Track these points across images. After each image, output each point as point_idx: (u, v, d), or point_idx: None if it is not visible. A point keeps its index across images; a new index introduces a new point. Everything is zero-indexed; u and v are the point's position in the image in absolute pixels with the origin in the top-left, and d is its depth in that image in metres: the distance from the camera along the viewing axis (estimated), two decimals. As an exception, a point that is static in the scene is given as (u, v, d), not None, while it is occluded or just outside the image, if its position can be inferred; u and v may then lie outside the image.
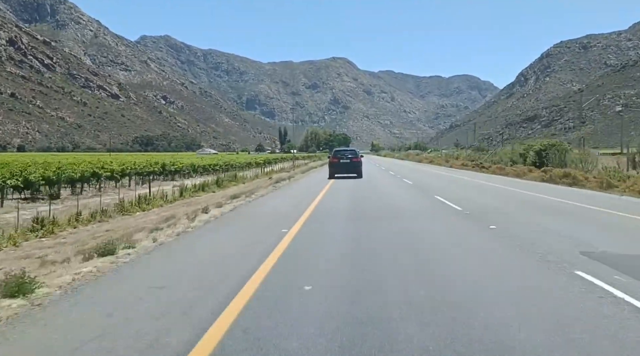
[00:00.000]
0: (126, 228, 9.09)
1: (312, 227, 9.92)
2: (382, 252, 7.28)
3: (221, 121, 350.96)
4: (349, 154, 28.81)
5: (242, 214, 12.40)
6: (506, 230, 9.43)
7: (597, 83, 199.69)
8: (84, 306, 4.61)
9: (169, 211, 12.05)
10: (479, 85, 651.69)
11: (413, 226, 10.21)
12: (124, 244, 7.09)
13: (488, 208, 13.47)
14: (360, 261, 6.66)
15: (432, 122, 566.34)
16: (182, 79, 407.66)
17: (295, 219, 10.77)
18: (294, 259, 6.72)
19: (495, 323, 4.08)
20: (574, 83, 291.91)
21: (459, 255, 7.14)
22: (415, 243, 8.19)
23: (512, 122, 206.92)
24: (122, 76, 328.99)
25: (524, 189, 20.45)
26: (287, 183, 24.52)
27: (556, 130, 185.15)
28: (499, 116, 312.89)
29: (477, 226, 10.23)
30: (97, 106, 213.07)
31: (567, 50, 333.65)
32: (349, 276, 5.78)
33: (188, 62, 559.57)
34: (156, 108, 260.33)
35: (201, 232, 9.42)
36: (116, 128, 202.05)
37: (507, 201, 15.78)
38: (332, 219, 11.13)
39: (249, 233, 9.51)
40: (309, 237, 8.71)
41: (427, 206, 14.25)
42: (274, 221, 10.70)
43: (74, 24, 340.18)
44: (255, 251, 7.23)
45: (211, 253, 7.48)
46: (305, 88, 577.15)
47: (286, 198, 16.92)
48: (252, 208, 13.94)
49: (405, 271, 6.00)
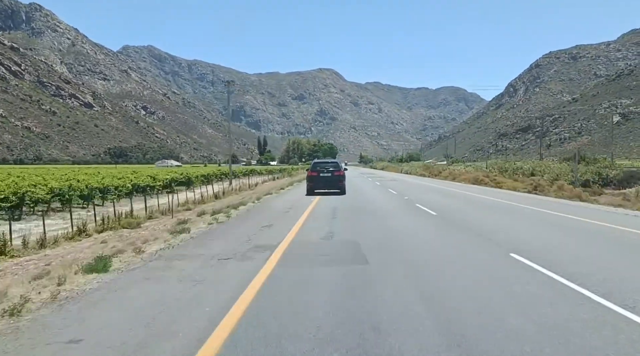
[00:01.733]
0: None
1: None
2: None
3: (204, 132, 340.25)
4: (330, 166, 24.48)
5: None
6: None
7: (592, 92, 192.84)
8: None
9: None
10: (466, 97, 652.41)
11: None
12: None
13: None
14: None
15: (419, 133, 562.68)
16: (164, 89, 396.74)
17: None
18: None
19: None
20: (564, 93, 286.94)
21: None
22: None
23: (505, 133, 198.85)
24: (101, 85, 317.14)
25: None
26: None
27: (551, 141, 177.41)
28: (488, 127, 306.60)
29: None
30: (68, 115, 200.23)
31: (557, 61, 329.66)
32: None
33: (172, 73, 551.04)
34: (133, 118, 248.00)
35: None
36: (88, 139, 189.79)
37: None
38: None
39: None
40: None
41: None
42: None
43: (51, 32, 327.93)
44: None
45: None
46: (291, 99, 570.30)
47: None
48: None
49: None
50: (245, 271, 6.79)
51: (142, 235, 10.26)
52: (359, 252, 8.35)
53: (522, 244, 9.26)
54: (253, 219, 13.90)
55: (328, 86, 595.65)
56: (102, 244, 9.30)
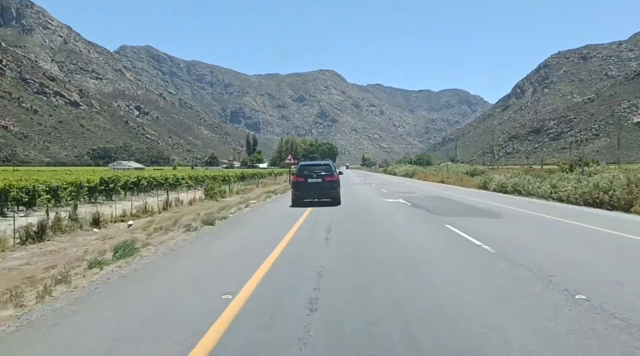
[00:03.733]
0: None
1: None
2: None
3: (200, 134, 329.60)
4: (321, 170, 18.92)
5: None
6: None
7: (610, 92, 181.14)
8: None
9: None
10: (469, 99, 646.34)
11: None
12: None
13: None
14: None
15: (422, 136, 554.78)
16: (160, 89, 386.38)
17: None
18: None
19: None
20: (574, 94, 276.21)
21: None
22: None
23: (516, 135, 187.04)
24: (93, 84, 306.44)
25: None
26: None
27: (566, 143, 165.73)
28: (495, 129, 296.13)
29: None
30: (51, 114, 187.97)
31: (566, 61, 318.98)
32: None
33: (170, 74, 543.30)
34: (122, 118, 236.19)
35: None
36: (71, 139, 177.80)
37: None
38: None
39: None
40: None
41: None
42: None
43: (42, 29, 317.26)
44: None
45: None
46: (291, 101, 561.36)
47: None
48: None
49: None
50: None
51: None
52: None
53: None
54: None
55: (329, 88, 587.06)
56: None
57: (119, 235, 9.73)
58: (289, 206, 17.41)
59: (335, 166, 22.65)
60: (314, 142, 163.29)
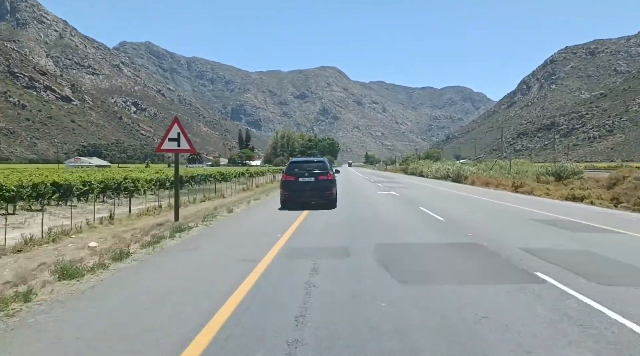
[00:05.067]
0: None
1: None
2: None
3: (199, 130, 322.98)
4: (314, 168, 16.91)
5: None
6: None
7: (623, 87, 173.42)
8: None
9: None
10: (472, 96, 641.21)
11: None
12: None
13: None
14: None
15: (424, 133, 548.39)
16: (159, 85, 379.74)
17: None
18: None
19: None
20: (583, 90, 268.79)
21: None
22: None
23: (525, 131, 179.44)
24: (89, 79, 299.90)
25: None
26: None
27: (578, 140, 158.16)
28: (500, 125, 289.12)
29: None
30: (40, 109, 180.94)
31: (573, 57, 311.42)
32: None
33: (171, 70, 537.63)
34: (116, 113, 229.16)
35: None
36: (61, 135, 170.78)
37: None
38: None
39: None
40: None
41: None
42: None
43: (37, 23, 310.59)
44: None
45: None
46: (293, 98, 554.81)
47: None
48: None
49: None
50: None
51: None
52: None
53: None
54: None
55: (331, 85, 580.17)
56: None
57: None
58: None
59: (331, 163, 20.84)
60: (313, 137, 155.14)
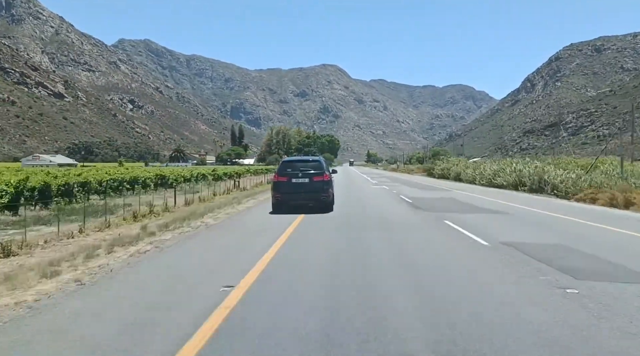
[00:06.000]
0: None
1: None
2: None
3: (197, 128, 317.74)
4: (308, 168, 15.91)
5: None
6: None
7: (633, 83, 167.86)
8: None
9: None
10: (474, 95, 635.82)
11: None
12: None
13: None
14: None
15: (426, 132, 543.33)
16: (157, 83, 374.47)
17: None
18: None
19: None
20: (588, 88, 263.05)
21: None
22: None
23: (532, 129, 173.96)
24: (85, 76, 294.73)
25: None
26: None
27: (587, 138, 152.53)
28: (504, 124, 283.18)
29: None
30: (31, 106, 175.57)
31: (579, 54, 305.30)
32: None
33: (170, 68, 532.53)
34: (110, 111, 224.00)
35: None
36: (52, 133, 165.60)
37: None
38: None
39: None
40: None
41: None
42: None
43: (32, 19, 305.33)
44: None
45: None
46: (293, 96, 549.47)
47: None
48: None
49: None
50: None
51: None
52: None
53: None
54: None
55: (332, 83, 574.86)
56: None
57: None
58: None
59: (328, 163, 19.96)
60: (312, 133, 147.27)
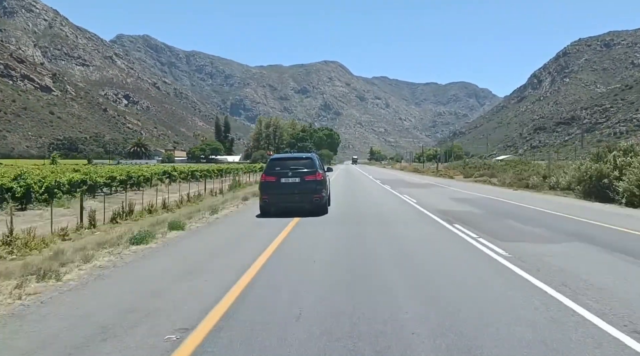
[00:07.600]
0: None
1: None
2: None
3: (194, 125, 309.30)
4: (299, 166, 14.28)
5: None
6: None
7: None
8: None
9: None
10: (477, 92, 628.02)
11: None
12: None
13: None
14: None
15: (429, 130, 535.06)
16: (153, 78, 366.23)
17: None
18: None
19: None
20: (598, 84, 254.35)
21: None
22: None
23: (543, 126, 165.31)
24: (78, 71, 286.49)
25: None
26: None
27: (602, 135, 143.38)
28: (511, 121, 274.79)
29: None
30: (14, 99, 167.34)
31: (588, 49, 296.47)
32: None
33: (169, 64, 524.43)
34: (101, 105, 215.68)
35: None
36: (37, 128, 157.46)
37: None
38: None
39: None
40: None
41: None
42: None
43: (25, 12, 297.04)
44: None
45: None
46: (294, 93, 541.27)
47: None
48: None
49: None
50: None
51: None
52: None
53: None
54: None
55: (333, 79, 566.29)
56: None
57: None
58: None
59: (322, 160, 17.31)
60: (308, 126, 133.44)
